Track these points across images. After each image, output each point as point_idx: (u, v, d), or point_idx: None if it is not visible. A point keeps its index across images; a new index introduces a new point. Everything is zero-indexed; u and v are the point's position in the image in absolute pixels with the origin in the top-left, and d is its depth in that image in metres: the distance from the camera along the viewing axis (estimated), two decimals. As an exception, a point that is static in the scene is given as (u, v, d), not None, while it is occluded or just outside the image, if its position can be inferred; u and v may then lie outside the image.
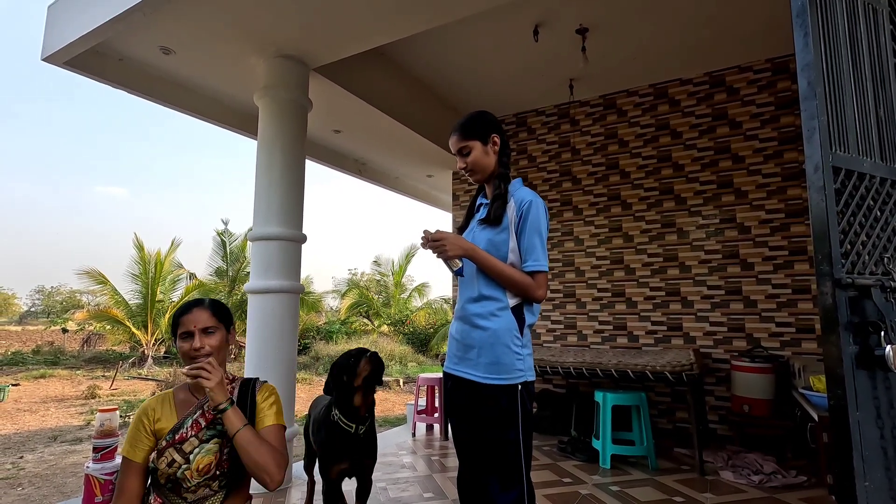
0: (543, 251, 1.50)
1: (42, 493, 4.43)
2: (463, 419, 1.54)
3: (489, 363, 1.46)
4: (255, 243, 3.24)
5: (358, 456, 1.97)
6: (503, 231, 1.52)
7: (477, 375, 1.48)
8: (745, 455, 3.44)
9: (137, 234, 14.31)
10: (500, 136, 1.60)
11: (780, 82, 4.04)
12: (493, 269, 1.48)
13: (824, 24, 1.26)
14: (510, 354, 1.45)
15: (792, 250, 3.90)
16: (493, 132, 1.59)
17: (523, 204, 1.51)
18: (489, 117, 1.61)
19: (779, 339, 3.88)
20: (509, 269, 1.48)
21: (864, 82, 1.30)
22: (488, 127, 1.59)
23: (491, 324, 1.48)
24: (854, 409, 1.15)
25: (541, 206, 1.52)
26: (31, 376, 12.02)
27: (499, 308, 1.48)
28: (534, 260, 1.48)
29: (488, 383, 1.45)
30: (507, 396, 1.43)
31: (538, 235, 1.49)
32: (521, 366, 1.46)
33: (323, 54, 3.32)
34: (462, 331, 1.56)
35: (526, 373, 1.48)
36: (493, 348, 1.46)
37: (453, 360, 1.58)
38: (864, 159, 1.25)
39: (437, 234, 1.50)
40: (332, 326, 16.24)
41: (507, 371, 1.44)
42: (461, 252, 1.49)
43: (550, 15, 3.51)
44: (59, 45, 3.03)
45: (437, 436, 4.41)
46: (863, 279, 1.17)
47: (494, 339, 1.46)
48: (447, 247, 1.47)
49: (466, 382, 1.51)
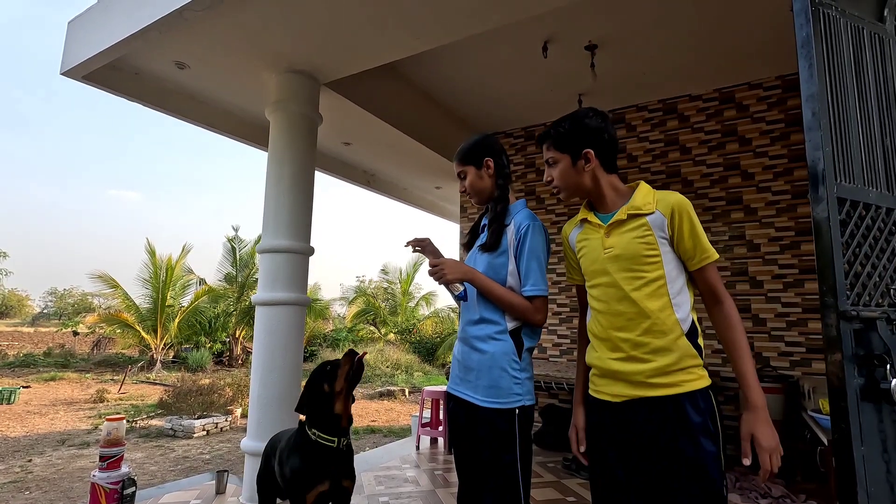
0: (542, 275, 1.49)
1: (49, 497, 4.47)
2: (463, 439, 1.55)
3: (487, 386, 1.46)
4: (263, 255, 3.27)
5: (338, 475, 1.82)
6: (502, 254, 1.52)
7: (476, 398, 1.48)
8: (753, 477, 3.38)
9: (149, 238, 14.46)
10: (495, 160, 1.60)
11: (791, 100, 4.02)
12: (492, 294, 1.49)
13: (829, 54, 1.26)
14: (507, 378, 1.45)
15: (802, 269, 3.86)
16: (486, 156, 1.60)
17: (521, 227, 1.51)
18: (485, 141, 1.63)
19: (788, 358, 3.83)
20: (508, 294, 1.48)
21: (870, 112, 1.30)
22: (482, 151, 1.60)
23: (489, 347, 1.48)
24: (859, 443, 1.14)
25: (539, 229, 1.51)
26: (42, 378, 12.17)
27: (497, 331, 1.48)
28: (532, 285, 1.48)
29: (486, 406, 1.45)
30: (505, 420, 1.43)
31: (536, 260, 1.49)
32: (519, 390, 1.46)
33: (333, 70, 3.37)
34: (463, 352, 1.57)
35: (524, 397, 1.47)
36: (490, 371, 1.46)
37: (455, 380, 1.59)
38: (869, 190, 1.25)
39: (435, 261, 1.52)
40: (339, 334, 16.28)
41: (505, 395, 1.44)
42: (460, 276, 1.50)
43: (559, 31, 3.54)
44: (77, 60, 3.11)
45: (441, 449, 4.39)
46: (868, 311, 1.16)
47: (492, 362, 1.46)
48: (446, 271, 1.49)
49: (466, 404, 1.52)
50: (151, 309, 13.74)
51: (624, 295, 1.26)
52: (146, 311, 13.77)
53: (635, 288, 1.25)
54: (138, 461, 5.68)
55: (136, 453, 6.05)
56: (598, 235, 1.33)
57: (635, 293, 1.25)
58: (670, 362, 1.22)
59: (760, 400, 1.21)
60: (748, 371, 1.23)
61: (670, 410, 1.21)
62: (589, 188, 1.36)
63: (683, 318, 1.25)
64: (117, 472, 2.72)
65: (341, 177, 5.58)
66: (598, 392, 1.34)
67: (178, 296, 14.63)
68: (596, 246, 1.33)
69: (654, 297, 1.24)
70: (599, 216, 1.36)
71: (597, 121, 1.34)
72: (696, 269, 1.28)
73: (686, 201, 1.28)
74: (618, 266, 1.28)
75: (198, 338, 14.69)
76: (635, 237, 1.27)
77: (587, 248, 1.36)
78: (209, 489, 3.25)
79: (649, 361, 1.23)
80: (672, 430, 1.20)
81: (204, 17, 2.71)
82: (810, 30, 1.25)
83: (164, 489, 3.29)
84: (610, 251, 1.29)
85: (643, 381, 1.23)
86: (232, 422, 7.73)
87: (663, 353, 1.23)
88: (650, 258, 1.25)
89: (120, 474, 2.72)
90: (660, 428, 1.21)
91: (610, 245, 1.30)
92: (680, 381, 1.22)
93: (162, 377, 12.48)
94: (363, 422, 8.22)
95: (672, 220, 1.26)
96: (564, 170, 1.36)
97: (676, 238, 1.26)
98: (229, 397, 8.20)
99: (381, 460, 4.02)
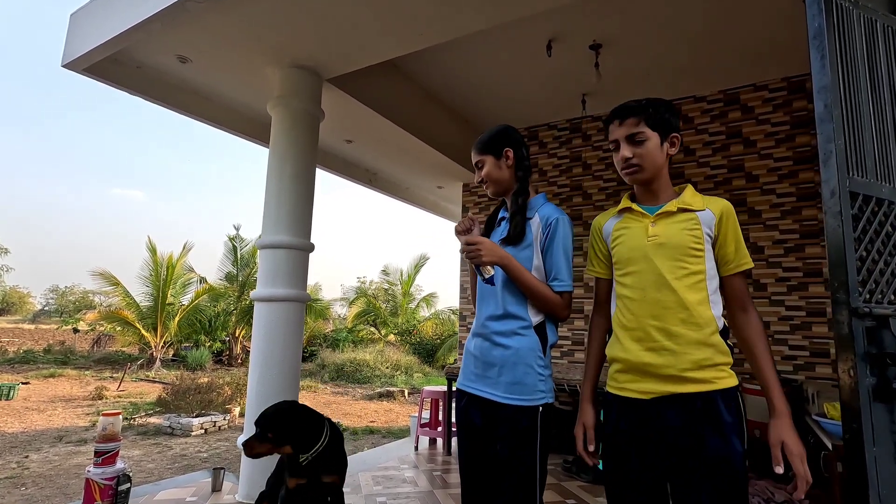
0: (569, 271, 1.46)
1: (45, 493, 4.44)
2: (477, 438, 1.50)
3: (511, 383, 1.42)
4: (263, 251, 3.25)
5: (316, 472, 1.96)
6: (527, 248, 1.48)
7: (497, 395, 1.43)
8: (755, 482, 3.33)
9: (151, 237, 14.46)
10: (515, 151, 1.56)
11: (796, 101, 3.99)
12: (526, 283, 1.44)
13: (842, 47, 1.23)
14: (533, 375, 1.41)
15: (806, 272, 3.82)
16: (506, 146, 1.55)
17: (550, 221, 1.47)
18: (506, 132, 1.58)
19: (792, 362, 3.79)
20: (541, 285, 1.45)
21: (883, 105, 1.27)
22: (502, 141, 1.56)
23: (514, 342, 1.44)
24: (871, 444, 1.10)
25: (568, 223, 1.49)
26: (41, 375, 12.16)
27: (522, 327, 1.44)
28: (560, 280, 1.45)
29: (509, 403, 1.41)
30: (528, 418, 1.40)
31: (565, 254, 1.46)
32: (544, 387, 1.42)
33: (336, 65, 3.35)
34: (482, 348, 1.51)
35: (547, 394, 1.43)
36: (515, 368, 1.42)
37: (470, 377, 1.53)
38: (882, 184, 1.22)
39: (474, 238, 1.45)
40: (339, 334, 16.25)
41: (529, 392, 1.40)
42: (496, 259, 1.44)
43: (564, 30, 3.51)
44: (79, 52, 3.09)
45: (440, 450, 4.35)
46: (881, 309, 1.13)
47: (517, 358, 1.42)
48: (483, 252, 1.42)
49: (483, 401, 1.47)
50: (152, 307, 13.73)
51: (665, 283, 1.24)
52: (146, 309, 13.76)
53: (677, 277, 1.24)
54: (136, 458, 5.65)
55: (134, 451, 6.02)
56: (642, 224, 1.32)
57: (676, 282, 1.24)
58: (705, 357, 1.21)
59: (787, 407, 1.22)
60: (774, 379, 1.23)
61: (700, 407, 1.19)
62: (660, 173, 1.34)
63: (718, 317, 1.26)
64: (112, 467, 2.69)
65: (343, 175, 5.56)
66: (621, 389, 1.30)
67: (179, 294, 14.62)
68: (638, 234, 1.32)
69: (694, 289, 1.24)
70: (644, 207, 1.35)
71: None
72: (730, 274, 1.29)
73: (733, 208, 1.32)
74: (662, 254, 1.27)
75: (198, 336, 14.67)
76: (684, 228, 1.27)
77: (626, 235, 1.34)
78: (205, 486, 3.22)
79: (684, 354, 1.21)
80: (703, 427, 1.18)
81: (207, 9, 2.69)
82: (823, 21, 1.23)
83: (161, 486, 3.26)
84: (654, 239, 1.28)
85: (676, 376, 1.21)
86: (230, 420, 7.70)
87: (698, 347, 1.21)
88: (696, 251, 1.26)
89: (115, 470, 2.69)
90: (689, 426, 1.19)
91: (655, 233, 1.29)
92: (713, 377, 1.21)
93: (161, 375, 12.46)
94: (362, 422, 8.19)
95: (721, 221, 1.28)
96: (654, 148, 1.31)
97: (721, 240, 1.28)
98: (228, 396, 8.17)
99: (380, 460, 3.98)
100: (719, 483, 1.16)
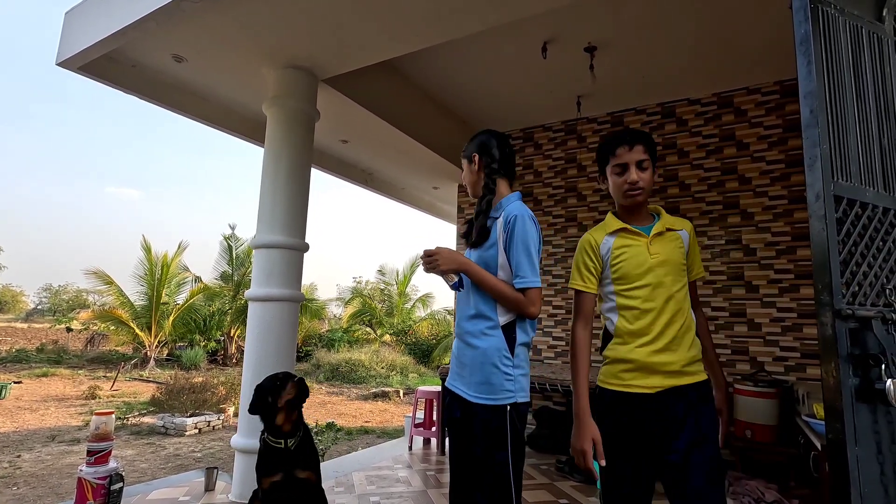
0: (532, 267, 1.47)
1: (37, 493, 4.42)
2: (456, 435, 1.55)
3: (479, 382, 1.45)
4: (258, 251, 3.25)
5: (290, 467, 2.10)
6: (492, 247, 1.52)
7: (468, 394, 1.48)
8: (746, 482, 3.36)
9: (146, 236, 14.43)
10: (480, 155, 1.63)
11: (789, 105, 4.02)
12: (486, 284, 1.48)
13: (828, 53, 1.25)
14: (499, 375, 1.44)
15: (798, 274, 3.86)
16: (474, 152, 1.65)
17: (509, 219, 1.50)
18: (477, 138, 1.68)
19: (783, 363, 3.82)
20: (502, 285, 1.48)
21: (867, 111, 1.29)
22: (472, 147, 1.67)
23: (481, 343, 1.47)
24: (853, 444, 1.12)
25: (527, 219, 1.49)
26: (34, 374, 12.08)
27: (489, 327, 1.47)
28: (522, 277, 1.46)
29: (478, 402, 1.44)
30: (498, 417, 1.42)
31: (525, 251, 1.47)
32: (511, 387, 1.44)
33: (332, 66, 3.36)
34: (458, 348, 1.57)
35: (517, 394, 1.45)
36: (482, 368, 1.45)
37: (452, 375, 1.59)
38: (866, 189, 1.24)
39: (430, 250, 1.52)
40: (335, 334, 16.22)
41: (496, 392, 1.43)
42: (455, 266, 1.50)
43: (559, 32, 3.53)
44: (73, 50, 3.08)
45: (433, 450, 4.36)
46: (864, 310, 1.15)
47: (484, 358, 1.46)
48: (440, 261, 1.49)
49: (460, 399, 1.51)
50: (146, 306, 13.67)
51: (671, 294, 1.45)
52: (141, 308, 13.70)
53: (678, 289, 1.47)
54: (129, 458, 5.63)
55: (127, 450, 6.00)
56: (641, 243, 1.49)
57: (678, 293, 1.46)
58: (696, 353, 1.47)
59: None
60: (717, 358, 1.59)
61: (693, 395, 1.42)
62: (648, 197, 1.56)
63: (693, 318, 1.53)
64: (105, 466, 2.69)
65: (339, 175, 5.56)
66: (627, 386, 1.46)
67: (174, 293, 14.56)
68: (641, 251, 1.48)
69: (686, 297, 1.49)
70: (637, 227, 1.52)
71: None
72: (693, 280, 1.56)
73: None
74: (665, 269, 1.46)
75: (192, 336, 14.61)
76: (676, 247, 1.50)
77: (629, 253, 1.49)
78: (198, 486, 3.21)
79: (683, 352, 1.43)
80: (698, 410, 1.42)
81: (202, 8, 2.69)
82: (809, 27, 1.24)
83: (153, 486, 3.25)
84: (657, 256, 1.47)
85: (677, 371, 1.42)
86: (224, 420, 7.68)
87: (692, 346, 1.46)
88: (684, 264, 1.51)
89: (107, 469, 2.68)
90: (687, 411, 1.41)
91: (656, 252, 1.48)
92: (699, 370, 1.47)
93: (155, 375, 12.40)
94: (356, 422, 8.18)
95: (691, 238, 1.56)
96: (651, 175, 1.51)
97: (691, 253, 1.55)
98: (222, 396, 8.15)
99: (373, 460, 3.99)
100: (710, 450, 1.39)
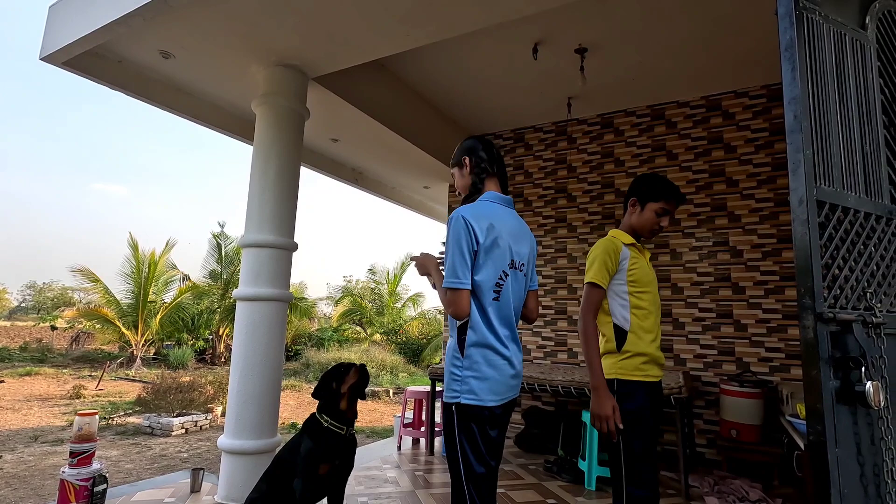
0: (451, 268, 1.46)
1: (19, 494, 4.35)
2: None
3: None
4: (246, 250, 3.22)
5: (344, 458, 2.20)
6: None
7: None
8: (731, 481, 3.40)
9: (133, 233, 14.25)
10: (470, 157, 1.65)
11: (775, 109, 4.08)
12: (437, 289, 1.56)
13: (812, 59, 1.26)
14: (449, 374, 1.51)
15: (783, 276, 3.91)
16: (463, 155, 1.68)
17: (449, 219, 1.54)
18: (464, 143, 1.70)
19: (768, 364, 3.87)
20: (441, 289, 1.53)
21: (850, 117, 1.31)
22: (460, 152, 1.70)
23: (448, 343, 1.57)
24: (833, 445, 1.14)
25: (459, 219, 1.48)
26: (17, 373, 11.86)
27: (451, 328, 1.55)
28: (445, 277, 1.48)
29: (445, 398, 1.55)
30: (447, 415, 1.51)
31: (449, 251, 1.48)
32: (457, 387, 1.47)
33: (322, 64, 3.34)
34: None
35: (462, 395, 1.45)
36: (447, 367, 1.54)
37: None
38: (848, 194, 1.26)
39: (414, 255, 1.62)
40: (324, 333, 16.14)
41: (448, 390, 1.51)
42: (423, 273, 1.62)
43: (550, 34, 3.55)
44: (58, 45, 3.03)
45: (423, 450, 4.35)
46: (845, 314, 1.17)
47: (447, 357, 1.55)
48: (417, 268, 1.62)
49: None
50: (133, 304, 13.49)
51: (659, 301, 1.88)
52: (127, 306, 13.51)
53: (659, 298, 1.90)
54: (114, 459, 5.55)
55: (112, 451, 5.91)
56: (645, 258, 1.89)
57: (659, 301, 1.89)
58: None
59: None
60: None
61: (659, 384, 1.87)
62: None
63: None
64: (88, 468, 2.65)
65: (329, 174, 5.53)
66: (646, 376, 1.76)
67: (161, 292, 14.37)
68: (646, 264, 1.86)
69: None
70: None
71: None
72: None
73: None
74: (655, 281, 1.88)
75: (180, 335, 14.45)
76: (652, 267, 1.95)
77: (639, 264, 1.82)
78: (184, 487, 3.18)
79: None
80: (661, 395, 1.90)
81: (190, 4, 2.66)
82: (794, 34, 1.26)
83: (138, 487, 3.21)
84: (653, 271, 1.90)
85: (663, 364, 1.85)
86: (212, 420, 7.60)
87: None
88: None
89: (91, 471, 2.65)
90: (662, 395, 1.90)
91: (651, 267, 1.90)
92: None
93: (142, 374, 12.25)
94: (346, 422, 8.13)
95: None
96: None
97: None
98: (210, 395, 8.07)
99: (362, 460, 3.97)
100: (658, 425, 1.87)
